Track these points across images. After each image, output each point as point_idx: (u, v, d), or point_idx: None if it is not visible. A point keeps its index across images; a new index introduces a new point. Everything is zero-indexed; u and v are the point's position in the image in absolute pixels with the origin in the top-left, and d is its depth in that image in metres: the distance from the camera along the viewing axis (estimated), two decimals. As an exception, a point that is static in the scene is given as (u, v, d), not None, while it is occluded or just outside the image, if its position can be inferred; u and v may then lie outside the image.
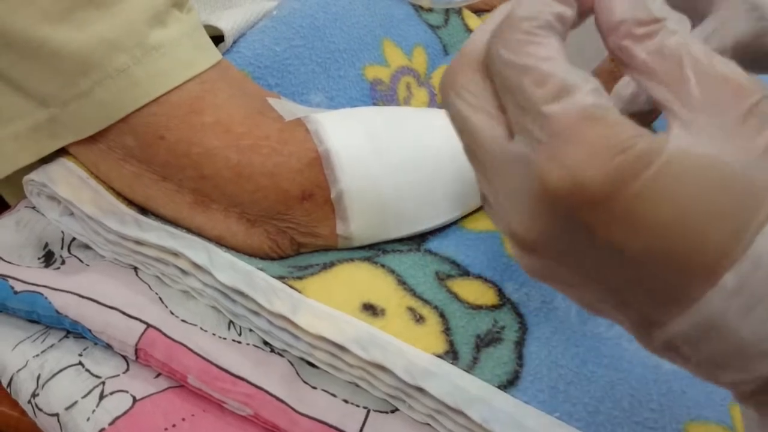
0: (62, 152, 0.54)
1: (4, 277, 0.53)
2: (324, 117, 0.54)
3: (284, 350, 0.49)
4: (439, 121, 0.57)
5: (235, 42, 0.61)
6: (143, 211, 0.54)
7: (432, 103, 0.68)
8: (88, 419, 0.48)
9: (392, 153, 0.53)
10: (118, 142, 0.52)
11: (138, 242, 0.52)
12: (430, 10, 0.72)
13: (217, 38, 0.59)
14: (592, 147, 0.27)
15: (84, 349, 0.52)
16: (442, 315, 0.49)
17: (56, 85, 0.50)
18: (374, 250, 0.54)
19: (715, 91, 0.27)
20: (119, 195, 0.54)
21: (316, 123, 0.53)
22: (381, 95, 0.65)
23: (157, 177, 0.52)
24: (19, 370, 0.51)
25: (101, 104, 0.50)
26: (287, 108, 0.55)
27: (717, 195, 0.27)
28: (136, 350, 0.50)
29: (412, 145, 0.54)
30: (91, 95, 0.50)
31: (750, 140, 0.27)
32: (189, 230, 0.53)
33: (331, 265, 0.52)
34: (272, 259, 0.53)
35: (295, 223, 0.52)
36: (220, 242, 0.53)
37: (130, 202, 0.54)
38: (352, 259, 0.52)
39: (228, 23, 0.60)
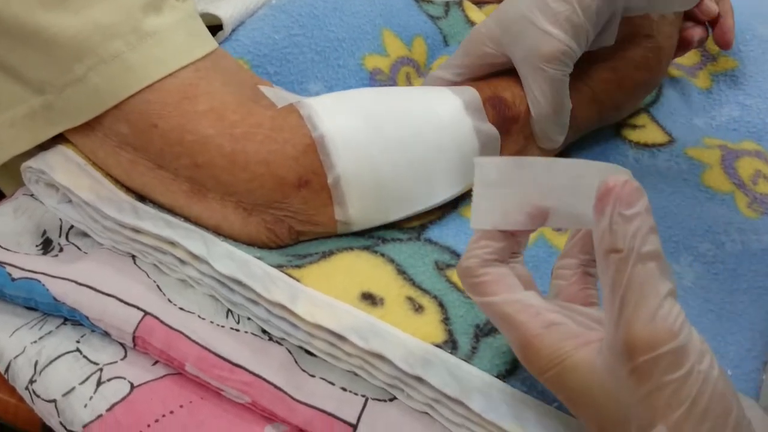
0: (61, 140, 0.54)
1: (1, 264, 0.53)
2: (316, 101, 0.53)
3: (282, 338, 0.49)
4: (435, 97, 0.56)
5: (233, 30, 0.61)
6: (142, 198, 0.54)
7: (431, 93, 0.68)
8: (85, 405, 0.48)
9: (388, 133, 0.53)
10: (113, 130, 0.52)
11: (135, 230, 0.52)
12: (430, 1, 0.72)
13: (216, 27, 0.59)
14: (531, 364, 0.40)
15: (82, 336, 0.52)
16: (441, 304, 0.49)
17: (51, 71, 0.50)
18: (374, 239, 0.54)
19: (623, 342, 0.35)
20: (117, 182, 0.54)
21: (309, 108, 0.52)
22: (380, 85, 0.65)
23: (152, 165, 0.52)
24: (17, 356, 0.51)
25: (95, 90, 0.50)
26: (280, 96, 0.55)
27: (605, 421, 0.38)
28: (134, 338, 0.50)
29: (407, 124, 0.54)
30: (86, 81, 0.50)
31: (631, 390, 0.35)
32: (186, 219, 0.53)
33: (330, 253, 0.51)
34: (270, 248, 0.53)
35: (293, 211, 0.52)
36: (217, 231, 0.52)
37: (129, 190, 0.54)
38: (351, 248, 0.52)
39: (227, 12, 0.60)
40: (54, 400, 0.49)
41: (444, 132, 0.54)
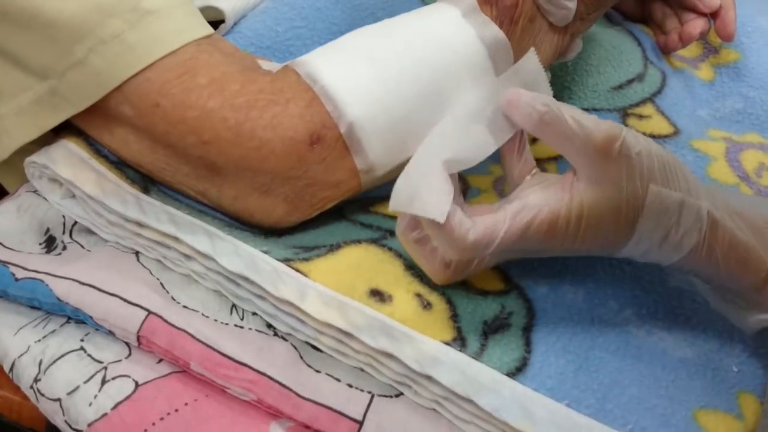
0: (64, 134, 0.54)
1: (4, 263, 0.53)
2: (311, 56, 0.52)
3: (288, 334, 0.49)
4: (431, 16, 0.55)
5: (236, 23, 0.61)
6: (146, 189, 0.53)
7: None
8: (90, 404, 0.48)
9: (390, 67, 0.52)
10: (120, 114, 0.51)
11: (140, 224, 0.52)
12: None
13: (218, 24, 0.59)
14: (552, 248, 0.48)
15: (86, 335, 0.51)
16: (449, 301, 0.49)
17: (52, 54, 0.49)
18: (381, 231, 0.53)
19: (595, 149, 0.45)
20: (125, 175, 0.53)
21: (304, 64, 0.51)
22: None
23: (161, 147, 0.51)
24: (21, 355, 0.50)
25: (97, 72, 0.49)
26: (277, 68, 0.54)
27: (608, 223, 0.46)
28: (138, 337, 0.49)
29: (408, 52, 0.52)
30: (87, 63, 0.49)
31: (619, 180, 0.46)
32: (208, 192, 0.52)
33: (338, 247, 0.51)
34: (287, 222, 0.52)
35: (311, 177, 0.51)
36: (234, 206, 0.52)
37: (145, 176, 0.54)
38: (359, 241, 0.52)
39: (228, 4, 0.60)
40: (59, 399, 0.48)
41: (447, 50, 0.53)
